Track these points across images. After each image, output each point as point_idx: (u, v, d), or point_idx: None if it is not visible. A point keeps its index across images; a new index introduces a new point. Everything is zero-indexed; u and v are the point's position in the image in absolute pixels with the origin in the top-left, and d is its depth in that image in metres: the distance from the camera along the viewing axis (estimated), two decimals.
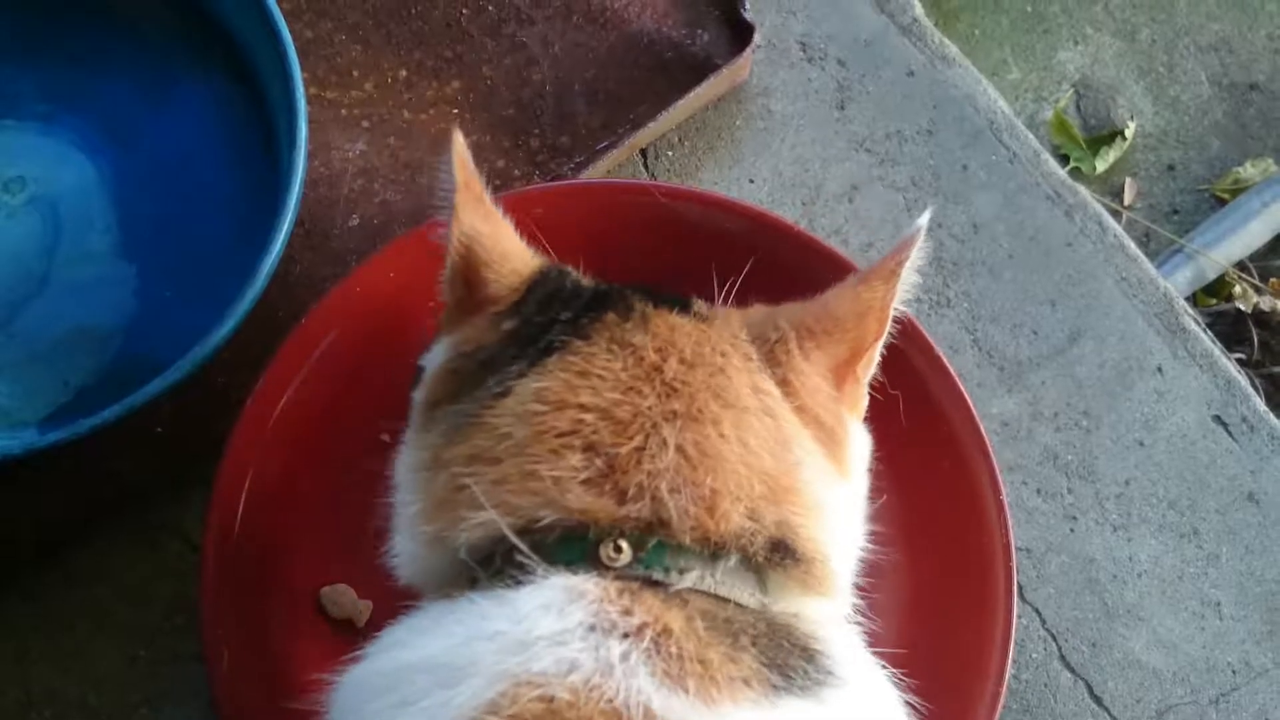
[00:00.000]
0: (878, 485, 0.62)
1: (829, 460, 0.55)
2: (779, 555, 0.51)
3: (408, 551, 0.56)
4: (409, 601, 0.55)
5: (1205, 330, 0.88)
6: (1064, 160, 1.40)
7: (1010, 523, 0.72)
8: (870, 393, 0.61)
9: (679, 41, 0.89)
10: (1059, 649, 0.80)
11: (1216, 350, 0.87)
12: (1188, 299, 1.22)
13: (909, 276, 0.56)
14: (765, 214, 0.78)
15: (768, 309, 0.59)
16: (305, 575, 0.73)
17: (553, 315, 0.56)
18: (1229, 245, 1.29)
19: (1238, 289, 1.29)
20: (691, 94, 0.85)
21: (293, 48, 0.76)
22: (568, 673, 0.45)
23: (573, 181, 0.83)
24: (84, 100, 0.84)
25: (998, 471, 0.73)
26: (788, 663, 0.48)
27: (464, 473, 0.51)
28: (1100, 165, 1.41)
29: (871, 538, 0.59)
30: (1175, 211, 1.41)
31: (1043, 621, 0.80)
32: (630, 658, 0.45)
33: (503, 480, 0.51)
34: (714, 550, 0.50)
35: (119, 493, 0.78)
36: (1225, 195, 1.40)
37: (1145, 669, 0.80)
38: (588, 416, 0.51)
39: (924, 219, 0.56)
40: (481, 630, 0.47)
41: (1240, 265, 1.30)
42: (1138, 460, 0.84)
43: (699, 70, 0.87)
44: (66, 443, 0.69)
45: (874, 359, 0.59)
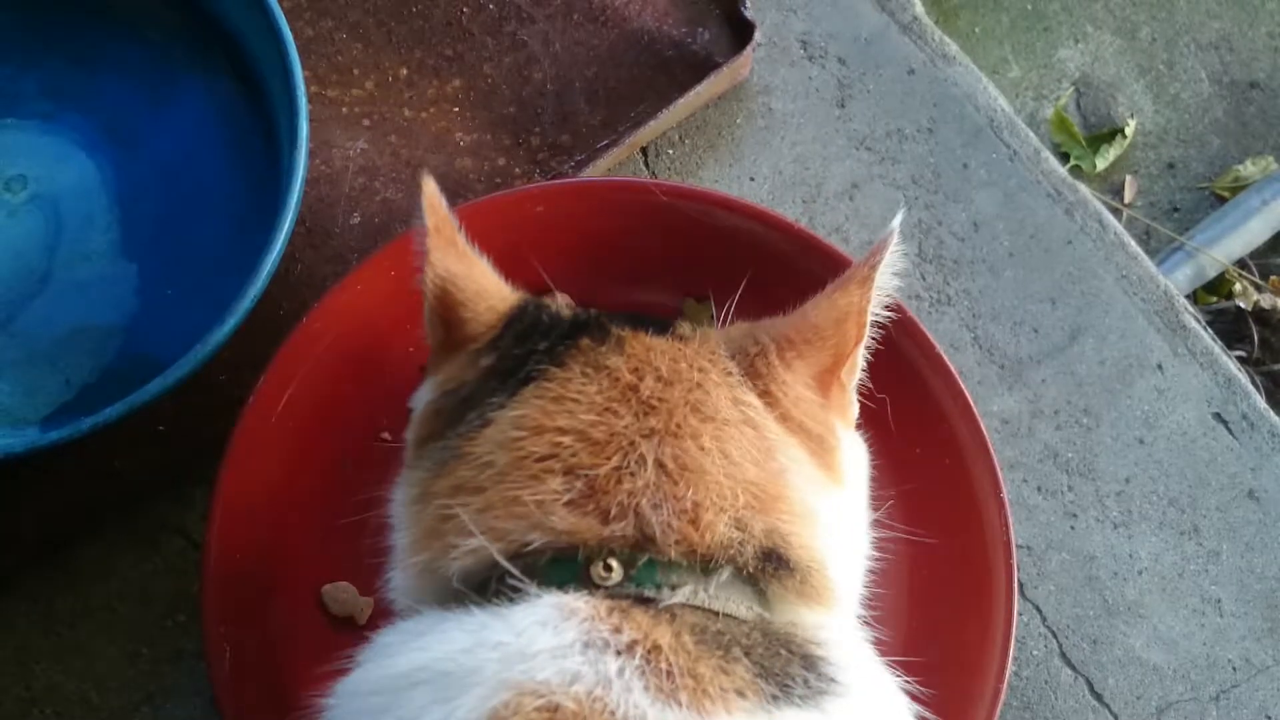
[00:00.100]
0: (879, 488, 0.62)
1: (819, 468, 0.55)
2: (771, 565, 0.50)
3: (402, 585, 0.56)
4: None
5: (1205, 328, 0.88)
6: (1064, 158, 1.40)
7: (1011, 520, 0.72)
8: (869, 392, 0.61)
9: (680, 40, 0.89)
10: (1059, 646, 0.80)
11: (1217, 348, 0.87)
12: (1188, 297, 1.22)
13: (886, 279, 0.56)
14: (766, 212, 0.78)
15: (748, 325, 0.59)
16: (306, 573, 0.73)
17: (530, 347, 0.56)
18: (1229, 243, 1.29)
19: (1238, 287, 1.28)
20: (692, 92, 0.85)
21: (294, 46, 0.76)
22: (571, 683, 0.45)
23: (573, 180, 0.83)
24: (85, 99, 0.84)
25: (998, 469, 0.73)
26: (786, 672, 0.48)
27: (450, 503, 0.52)
28: (1100, 163, 1.41)
29: (873, 541, 0.59)
30: (1175, 209, 1.41)
31: (1043, 619, 0.80)
32: (625, 674, 0.45)
33: (488, 508, 0.51)
34: (704, 563, 0.49)
35: (121, 491, 0.78)
36: (1225, 193, 1.40)
37: (1146, 666, 0.80)
38: (565, 439, 0.51)
39: (896, 221, 0.56)
40: (484, 639, 0.47)
41: (1240, 263, 1.30)
42: (1138, 458, 0.84)
43: (700, 68, 0.87)
44: (68, 441, 0.69)
45: (857, 364, 0.59)
